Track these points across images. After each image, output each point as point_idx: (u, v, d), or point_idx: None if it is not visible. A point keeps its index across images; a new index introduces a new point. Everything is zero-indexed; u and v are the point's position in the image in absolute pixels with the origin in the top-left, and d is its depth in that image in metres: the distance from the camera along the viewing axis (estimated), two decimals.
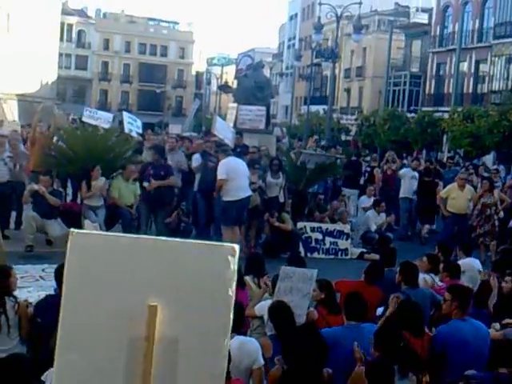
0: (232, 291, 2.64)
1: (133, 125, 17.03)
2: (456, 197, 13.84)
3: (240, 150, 14.33)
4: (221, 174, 11.71)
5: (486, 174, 18.25)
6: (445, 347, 6.03)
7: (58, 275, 6.07)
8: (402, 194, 16.22)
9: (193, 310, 2.64)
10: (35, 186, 11.61)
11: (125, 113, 18.81)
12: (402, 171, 16.67)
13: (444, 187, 14.80)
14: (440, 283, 8.25)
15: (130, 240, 2.74)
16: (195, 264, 2.65)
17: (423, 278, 8.17)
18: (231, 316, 2.65)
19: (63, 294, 2.59)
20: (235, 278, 2.63)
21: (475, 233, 13.72)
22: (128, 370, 2.61)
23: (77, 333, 2.61)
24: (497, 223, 13.86)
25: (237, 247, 2.65)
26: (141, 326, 2.58)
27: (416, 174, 16.20)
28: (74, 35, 77.41)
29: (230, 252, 2.65)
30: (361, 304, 6.09)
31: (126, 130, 16.61)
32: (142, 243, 2.70)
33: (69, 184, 14.39)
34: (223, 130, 14.29)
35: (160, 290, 2.62)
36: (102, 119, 16.26)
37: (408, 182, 16.07)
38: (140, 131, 17.70)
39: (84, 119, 16.58)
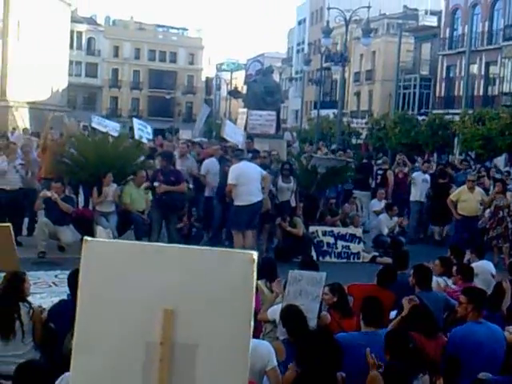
0: (252, 298, 2.65)
1: (143, 131, 17.14)
2: (466, 199, 13.77)
3: (252, 155, 14.35)
4: (231, 179, 11.77)
5: (497, 176, 18.16)
6: (458, 349, 6.00)
7: (71, 281, 6.10)
8: (413, 198, 16.11)
9: (213, 316, 2.64)
10: (48, 193, 11.67)
11: (135, 119, 18.93)
12: (413, 175, 16.58)
13: None
14: (453, 286, 8.21)
15: (144, 247, 2.76)
16: (214, 271, 2.66)
17: (436, 281, 8.15)
18: (252, 323, 2.64)
19: (78, 299, 2.60)
20: (254, 285, 2.64)
21: (488, 235, 13.63)
22: (145, 375, 2.62)
23: (93, 337, 2.63)
24: (510, 225, 13.76)
25: (255, 254, 2.66)
26: (156, 331, 2.60)
27: (427, 177, 16.10)
28: (83, 43, 77.78)
29: (249, 259, 2.66)
30: (379, 310, 6.07)
31: (137, 137, 16.70)
32: (158, 250, 2.73)
33: (80, 190, 14.45)
34: (233, 134, 14.33)
35: (177, 296, 2.63)
36: (109, 127, 16.39)
37: (419, 186, 15.98)
38: (150, 137, 17.77)
39: (93, 125, 16.71)
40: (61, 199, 11.68)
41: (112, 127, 16.61)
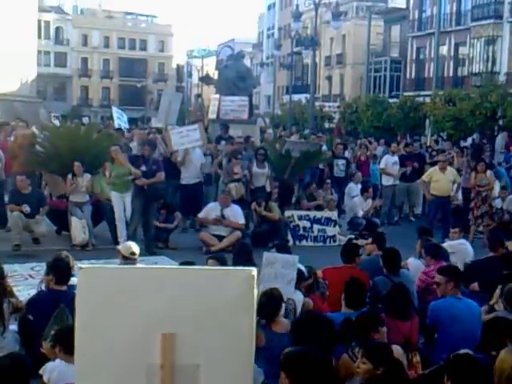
0: (253, 314, 2.63)
1: (121, 119, 16.91)
2: (438, 179, 13.88)
3: (225, 141, 14.28)
4: None
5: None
6: (436, 321, 6.16)
7: (51, 266, 6.14)
8: (386, 182, 16.17)
9: (214, 335, 2.63)
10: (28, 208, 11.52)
11: (114, 108, 18.67)
12: (383, 159, 16.62)
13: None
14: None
15: (139, 271, 2.75)
16: (213, 290, 2.63)
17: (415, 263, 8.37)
18: (254, 341, 2.64)
19: (76, 326, 2.60)
20: (255, 303, 2.62)
21: (472, 215, 13.77)
22: None
23: (93, 364, 2.63)
24: (493, 203, 13.98)
25: (255, 271, 2.63)
26: (156, 355, 2.60)
27: (397, 159, 16.19)
28: (51, 32, 76.79)
29: (248, 276, 2.63)
30: (361, 292, 6.19)
31: (116, 125, 16.51)
32: (154, 273, 2.71)
33: None
34: (181, 139, 13.58)
35: (176, 319, 2.62)
36: None
37: (391, 169, 16.05)
38: (127, 126, 17.56)
39: None
40: (29, 193, 11.72)
41: None
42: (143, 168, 11.82)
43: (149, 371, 2.59)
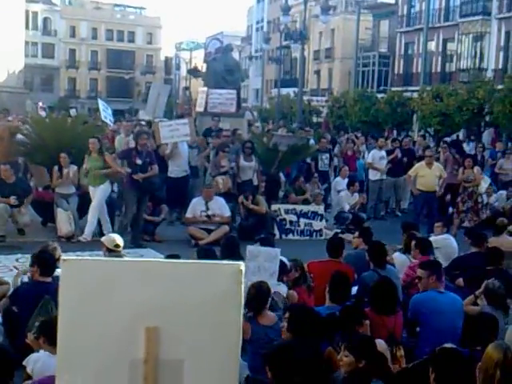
0: (240, 309, 2.60)
1: (106, 112, 16.78)
2: (424, 175, 13.94)
3: (214, 134, 14.23)
4: None
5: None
6: (418, 314, 6.19)
7: (36, 257, 6.12)
8: (373, 177, 16.22)
9: (199, 330, 2.59)
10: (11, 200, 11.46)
11: (100, 100, 18.51)
12: (370, 154, 16.66)
13: None
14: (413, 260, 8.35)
15: (125, 264, 2.69)
16: (200, 284, 2.59)
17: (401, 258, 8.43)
18: (240, 337, 2.60)
19: (59, 319, 2.55)
20: (242, 297, 2.59)
21: (458, 210, 13.83)
22: None
23: (75, 356, 2.58)
24: (480, 199, 14.05)
25: (242, 266, 2.59)
26: (140, 349, 2.55)
27: (384, 154, 16.23)
28: (39, 23, 76.24)
29: (236, 270, 2.59)
30: (346, 287, 6.22)
31: (102, 118, 16.41)
32: (140, 266, 2.65)
33: None
34: (170, 132, 13.49)
35: (161, 312, 2.57)
36: None
37: (378, 164, 16.09)
38: (112, 119, 17.44)
39: None
40: (14, 182, 11.66)
41: None
42: (138, 161, 11.74)
43: (132, 366, 2.54)
